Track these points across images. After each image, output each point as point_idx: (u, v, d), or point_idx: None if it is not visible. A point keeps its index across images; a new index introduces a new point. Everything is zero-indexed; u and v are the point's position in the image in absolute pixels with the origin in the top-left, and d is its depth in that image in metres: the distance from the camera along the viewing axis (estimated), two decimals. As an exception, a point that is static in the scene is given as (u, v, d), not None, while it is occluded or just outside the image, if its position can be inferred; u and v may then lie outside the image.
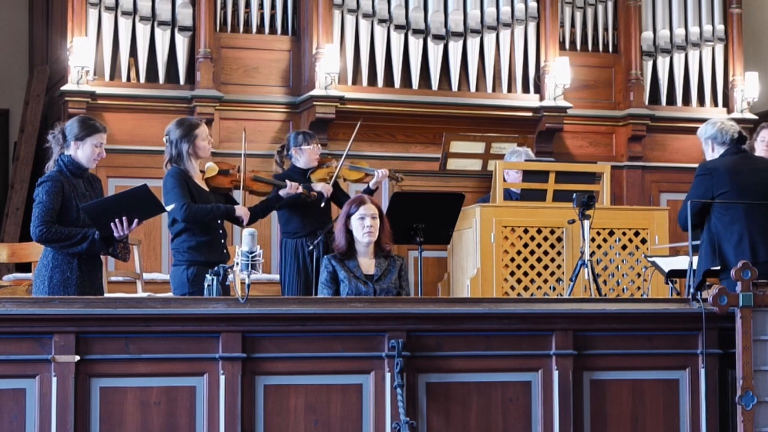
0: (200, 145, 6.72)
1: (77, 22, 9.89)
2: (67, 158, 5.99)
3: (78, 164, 6.01)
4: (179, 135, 6.70)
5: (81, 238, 5.85)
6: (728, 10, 11.57)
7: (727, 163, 6.17)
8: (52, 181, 5.90)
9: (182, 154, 6.67)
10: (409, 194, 7.89)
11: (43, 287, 5.88)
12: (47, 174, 5.96)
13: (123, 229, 5.86)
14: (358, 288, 6.28)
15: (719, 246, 6.03)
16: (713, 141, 6.25)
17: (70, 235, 5.85)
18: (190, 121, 6.84)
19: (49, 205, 5.85)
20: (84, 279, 5.92)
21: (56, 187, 5.88)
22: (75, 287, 5.87)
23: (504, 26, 10.73)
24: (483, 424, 5.50)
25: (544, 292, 7.65)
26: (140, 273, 8.53)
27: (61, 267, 5.88)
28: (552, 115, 10.78)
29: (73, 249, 5.87)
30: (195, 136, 6.70)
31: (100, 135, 6.04)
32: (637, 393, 5.70)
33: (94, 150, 6.01)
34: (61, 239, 5.84)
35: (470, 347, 5.52)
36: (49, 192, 5.87)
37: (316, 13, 10.28)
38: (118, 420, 5.11)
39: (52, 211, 5.84)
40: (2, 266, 9.81)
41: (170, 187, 6.61)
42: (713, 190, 6.09)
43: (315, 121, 10.16)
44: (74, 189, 5.94)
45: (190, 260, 6.59)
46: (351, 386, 5.38)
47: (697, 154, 10.99)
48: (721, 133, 6.24)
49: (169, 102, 10.11)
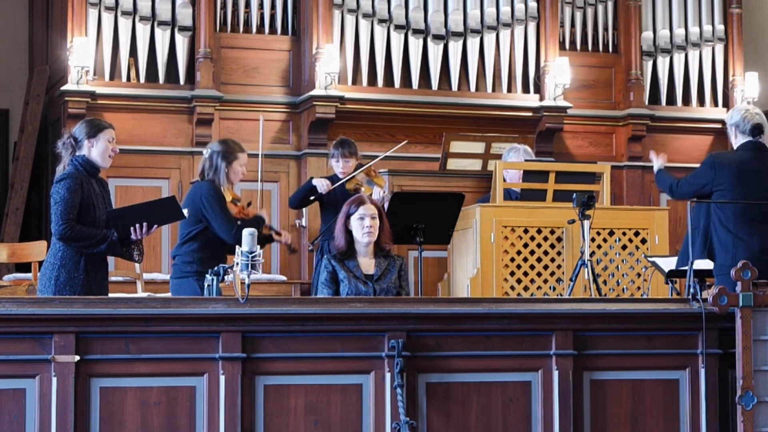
0: (236, 169, 6.88)
1: (77, 22, 9.89)
2: (81, 158, 6.07)
3: (93, 163, 6.09)
4: (222, 150, 6.85)
5: (101, 239, 5.93)
6: (728, 10, 11.57)
7: (735, 159, 6.17)
8: (72, 179, 5.95)
9: (219, 170, 6.76)
10: (409, 194, 7.90)
11: (49, 286, 5.91)
12: (65, 172, 6.02)
13: (142, 233, 5.94)
14: (358, 288, 6.28)
15: (710, 241, 6.06)
16: (736, 128, 6.28)
17: (90, 235, 5.92)
18: (236, 144, 6.98)
19: (71, 202, 5.90)
20: (90, 279, 5.96)
21: (76, 184, 5.95)
22: (81, 287, 5.90)
23: (504, 26, 10.73)
24: (483, 424, 5.50)
25: (544, 292, 7.65)
26: (140, 273, 8.53)
27: (67, 266, 5.92)
28: (552, 115, 10.77)
29: (92, 249, 5.94)
30: (236, 158, 6.86)
31: (110, 131, 6.15)
32: (637, 393, 5.70)
33: (108, 145, 6.10)
34: (81, 239, 5.91)
35: (470, 347, 5.52)
36: (69, 189, 5.93)
37: (316, 13, 10.28)
38: (118, 420, 5.11)
39: (74, 208, 5.91)
40: (2, 266, 9.81)
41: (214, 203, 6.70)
42: (712, 185, 6.12)
43: (315, 121, 10.16)
44: (91, 187, 6.01)
45: (199, 271, 6.58)
46: (351, 386, 5.38)
47: (697, 153, 11.03)
48: (744, 121, 6.26)
49: (169, 102, 10.11)
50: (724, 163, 6.15)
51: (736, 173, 6.11)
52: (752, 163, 6.16)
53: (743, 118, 6.25)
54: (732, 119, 6.30)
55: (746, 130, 6.23)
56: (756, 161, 6.18)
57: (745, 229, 6.06)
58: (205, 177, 6.84)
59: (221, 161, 6.80)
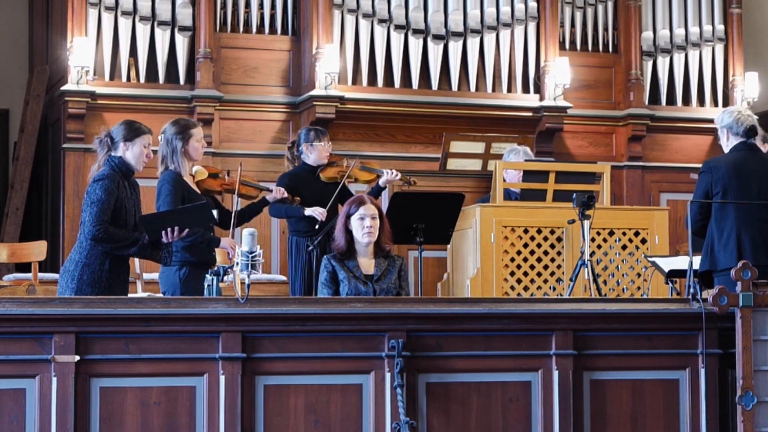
0: (194, 146, 6.80)
1: (77, 22, 9.89)
2: (117, 159, 6.08)
3: (128, 165, 6.11)
4: (174, 131, 6.80)
5: (132, 242, 5.97)
6: (728, 10, 11.57)
7: (730, 160, 6.17)
8: (109, 180, 5.97)
9: (176, 152, 6.74)
10: (409, 194, 7.90)
11: (72, 284, 5.92)
12: (102, 172, 6.03)
13: (173, 236, 5.98)
14: (358, 288, 6.28)
15: (711, 246, 6.05)
16: (728, 130, 6.25)
17: (122, 237, 5.95)
18: (187, 121, 6.96)
19: (107, 204, 5.93)
20: (113, 278, 5.99)
21: (113, 185, 5.98)
22: (104, 286, 5.92)
23: (504, 26, 10.73)
24: (483, 424, 5.50)
25: (544, 292, 7.66)
26: (140, 273, 8.53)
27: (92, 266, 5.94)
28: (552, 115, 10.77)
29: (123, 252, 5.98)
30: (190, 135, 6.80)
31: (147, 136, 6.16)
32: (637, 393, 5.70)
33: (143, 151, 6.11)
34: (113, 240, 5.94)
35: (470, 347, 5.52)
36: (107, 190, 5.94)
37: (316, 13, 10.28)
38: (118, 420, 5.11)
39: (109, 210, 5.94)
40: (2, 266, 9.81)
41: (165, 193, 6.69)
42: (712, 188, 6.10)
43: (315, 121, 10.15)
44: (125, 190, 6.04)
45: (182, 260, 6.63)
46: (351, 386, 5.38)
47: (697, 153, 11.03)
48: (737, 123, 6.23)
49: (169, 102, 10.11)
50: (719, 165, 6.15)
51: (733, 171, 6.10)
52: (748, 163, 6.14)
53: (736, 120, 6.23)
54: (723, 121, 6.26)
55: (740, 131, 6.22)
56: (752, 161, 6.18)
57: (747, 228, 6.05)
58: (167, 166, 6.82)
59: (177, 141, 6.76)
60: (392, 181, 7.86)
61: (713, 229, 6.09)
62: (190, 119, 7.21)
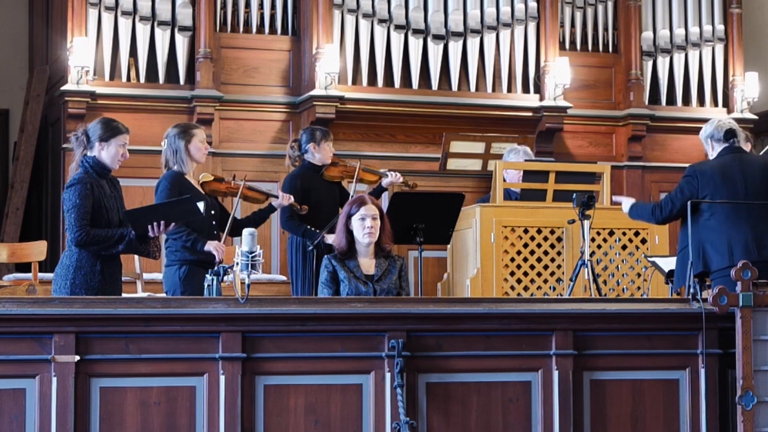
0: (196, 145, 6.85)
1: (77, 22, 9.89)
2: (91, 159, 6.05)
3: (103, 165, 6.08)
4: (176, 132, 6.90)
5: (118, 239, 5.94)
6: (728, 10, 11.57)
7: (715, 164, 6.21)
8: (81, 184, 5.95)
9: (179, 151, 6.80)
10: (409, 194, 7.90)
11: (65, 287, 5.91)
12: (74, 177, 6.01)
13: (159, 230, 5.97)
14: (358, 288, 6.29)
15: (703, 249, 6.07)
16: (711, 139, 6.35)
17: (107, 237, 5.93)
18: (190, 124, 7.09)
19: (83, 208, 5.90)
20: (106, 280, 5.98)
21: (86, 189, 5.94)
22: (97, 289, 5.90)
23: (504, 26, 10.73)
24: (483, 424, 5.50)
25: (544, 292, 7.66)
26: (140, 273, 8.53)
27: (84, 269, 5.93)
28: (552, 115, 10.77)
29: (110, 250, 5.95)
30: (192, 135, 6.87)
31: (124, 136, 6.14)
32: (637, 393, 5.70)
33: (119, 151, 6.10)
34: (98, 242, 5.93)
35: (470, 347, 5.52)
36: (80, 195, 5.92)
37: (316, 13, 10.28)
38: (118, 420, 5.11)
39: (87, 213, 5.91)
40: (2, 266, 9.81)
41: (161, 189, 6.74)
42: (698, 192, 6.13)
43: (315, 121, 10.15)
44: (102, 189, 6.00)
45: (182, 259, 6.65)
46: (351, 386, 5.38)
47: (697, 153, 11.01)
48: (717, 129, 6.35)
49: (169, 102, 10.11)
50: (705, 170, 6.19)
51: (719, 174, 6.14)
52: (734, 165, 6.19)
53: (716, 127, 6.36)
54: (705, 132, 6.40)
55: (721, 137, 6.31)
56: (737, 162, 6.21)
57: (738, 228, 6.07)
58: (170, 167, 6.86)
59: (179, 141, 6.84)
60: (395, 183, 7.87)
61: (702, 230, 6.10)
62: (194, 123, 7.28)
